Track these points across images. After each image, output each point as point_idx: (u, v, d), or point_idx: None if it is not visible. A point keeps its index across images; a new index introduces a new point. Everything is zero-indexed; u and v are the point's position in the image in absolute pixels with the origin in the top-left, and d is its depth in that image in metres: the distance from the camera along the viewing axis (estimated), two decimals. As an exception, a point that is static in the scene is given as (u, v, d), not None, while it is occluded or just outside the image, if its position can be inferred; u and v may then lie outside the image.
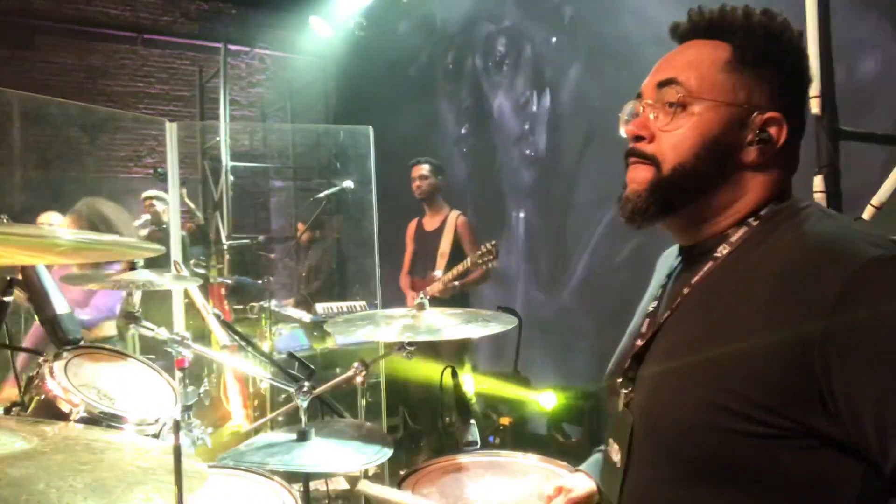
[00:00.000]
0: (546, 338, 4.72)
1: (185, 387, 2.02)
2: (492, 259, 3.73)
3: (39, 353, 1.89)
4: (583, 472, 1.26)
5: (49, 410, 1.68)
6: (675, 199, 0.97)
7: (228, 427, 4.55)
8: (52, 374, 1.72)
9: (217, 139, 6.80)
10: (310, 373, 1.81)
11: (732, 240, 0.96)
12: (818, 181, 1.86)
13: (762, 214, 0.96)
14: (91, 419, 1.67)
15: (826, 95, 1.82)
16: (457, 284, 3.91)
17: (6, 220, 1.26)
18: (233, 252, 5.89)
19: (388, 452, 1.63)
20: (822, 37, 1.83)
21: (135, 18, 7.98)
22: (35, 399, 1.72)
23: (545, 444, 4.08)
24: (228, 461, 1.63)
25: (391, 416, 4.50)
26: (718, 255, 0.96)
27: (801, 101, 1.00)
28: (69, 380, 1.74)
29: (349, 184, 4.64)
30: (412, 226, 4.43)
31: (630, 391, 1.00)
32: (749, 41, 0.96)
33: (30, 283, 1.67)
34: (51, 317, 1.68)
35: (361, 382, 1.81)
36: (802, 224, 0.91)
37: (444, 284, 3.93)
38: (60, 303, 1.69)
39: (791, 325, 0.81)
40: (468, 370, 4.11)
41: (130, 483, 0.90)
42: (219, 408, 4.39)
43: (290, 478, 1.67)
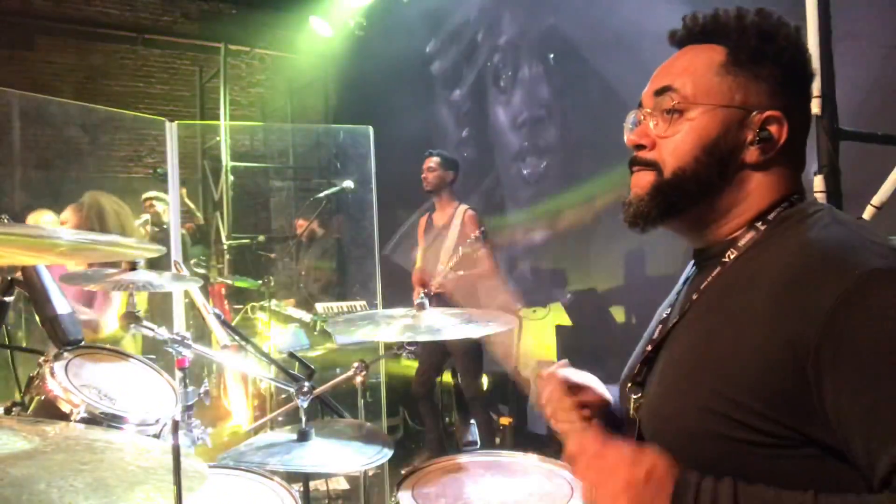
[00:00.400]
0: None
1: (185, 387, 2.02)
2: (478, 245, 3.68)
3: (40, 353, 1.89)
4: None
5: (50, 410, 1.68)
6: (677, 202, 0.97)
7: (228, 427, 4.56)
8: (53, 375, 1.73)
9: (217, 139, 6.79)
10: (310, 373, 1.81)
11: (740, 244, 0.96)
12: (818, 181, 1.85)
13: (770, 218, 0.95)
14: (92, 419, 1.67)
15: (826, 95, 1.82)
16: (461, 273, 3.88)
17: (6, 220, 1.26)
18: (233, 252, 5.89)
19: (389, 453, 1.63)
20: (823, 37, 1.82)
21: (135, 18, 7.99)
22: (36, 399, 1.73)
23: (545, 444, 4.07)
24: (228, 461, 1.63)
25: (391, 416, 4.50)
26: (726, 260, 0.96)
27: (803, 98, 1.00)
28: (70, 380, 1.74)
29: (349, 184, 4.64)
30: (423, 221, 4.34)
31: (640, 396, 1.01)
32: (743, 41, 0.96)
33: (30, 283, 1.67)
34: (51, 317, 1.67)
35: (361, 382, 1.81)
36: (809, 230, 0.90)
37: (444, 276, 3.89)
38: (61, 303, 1.69)
39: (788, 333, 0.81)
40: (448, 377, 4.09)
41: (131, 483, 0.90)
42: (219, 408, 4.39)
43: (290, 478, 1.67)
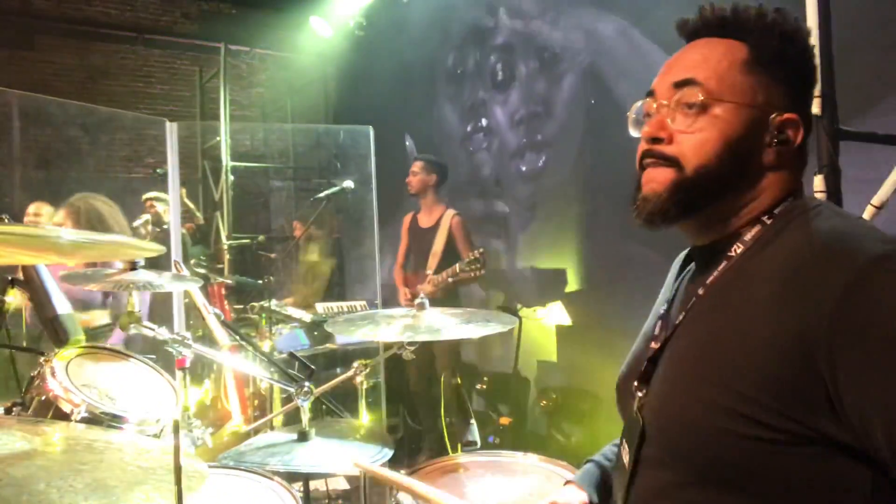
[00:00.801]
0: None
1: (185, 387, 2.01)
2: (479, 268, 3.73)
3: (40, 353, 1.89)
4: (573, 485, 1.22)
5: (50, 410, 1.68)
6: (697, 201, 0.95)
7: (228, 427, 4.55)
8: (54, 374, 1.72)
9: (217, 139, 6.79)
10: (310, 373, 1.81)
11: (746, 238, 0.94)
12: (818, 181, 1.85)
13: (776, 213, 0.95)
14: (92, 419, 1.67)
15: (826, 95, 1.82)
16: (449, 280, 3.92)
17: (7, 220, 1.26)
18: (233, 252, 5.89)
19: (389, 453, 1.63)
20: (823, 37, 1.82)
21: (135, 18, 7.98)
22: (36, 399, 1.72)
23: (545, 444, 4.07)
24: (228, 461, 1.63)
25: (391, 416, 4.50)
26: (732, 255, 0.95)
27: (811, 101, 0.99)
28: (70, 380, 1.74)
29: (349, 184, 4.64)
30: (407, 220, 4.47)
31: (644, 394, 0.99)
32: (765, 41, 0.94)
33: (30, 283, 1.67)
34: (51, 317, 1.68)
35: (361, 382, 1.81)
36: (811, 222, 0.90)
37: (435, 286, 3.94)
38: (61, 303, 1.69)
39: (796, 325, 0.80)
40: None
41: (131, 483, 0.90)
42: (219, 408, 4.39)
43: (290, 478, 1.67)
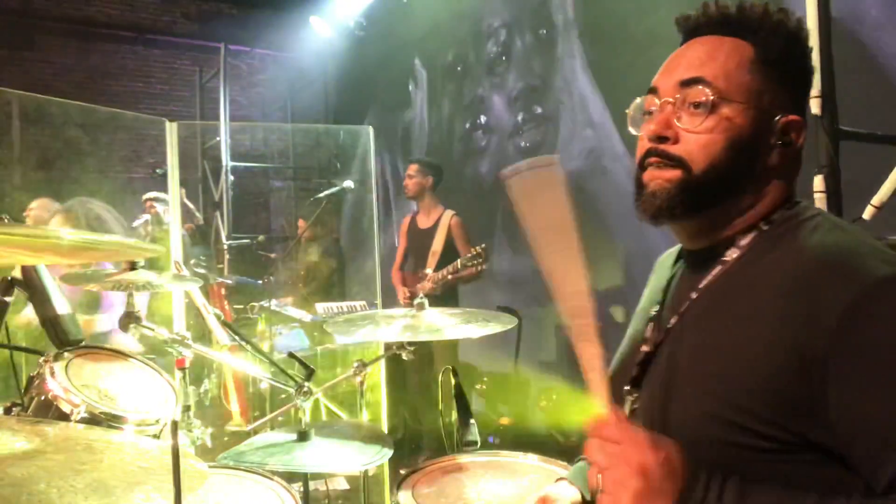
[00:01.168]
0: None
1: (186, 387, 2.02)
2: (481, 262, 3.76)
3: (40, 353, 1.89)
4: (566, 481, 1.23)
5: (50, 410, 1.68)
6: (704, 201, 0.94)
7: (228, 427, 4.55)
8: (53, 375, 1.72)
9: (217, 139, 6.79)
10: (310, 373, 1.81)
11: (742, 244, 0.94)
12: (818, 181, 1.85)
13: (773, 219, 0.94)
14: (92, 419, 1.67)
15: (826, 95, 1.82)
16: (449, 278, 3.94)
17: (7, 220, 1.26)
18: (233, 252, 5.88)
19: (389, 453, 1.63)
20: (822, 37, 1.82)
21: (135, 18, 7.98)
22: (36, 399, 1.72)
23: (545, 444, 4.07)
24: (228, 461, 1.63)
25: (391, 417, 4.50)
26: (727, 260, 0.94)
27: (808, 103, 0.99)
28: (70, 380, 1.74)
29: (349, 184, 4.64)
30: (406, 221, 4.51)
31: (636, 398, 0.99)
32: (771, 41, 0.93)
33: (31, 283, 1.67)
34: (52, 317, 1.68)
35: (361, 382, 1.81)
36: (813, 234, 0.89)
37: (434, 283, 3.96)
38: (61, 303, 1.69)
39: (795, 338, 0.80)
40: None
41: (131, 483, 0.90)
42: (219, 408, 4.39)
43: (290, 478, 1.67)
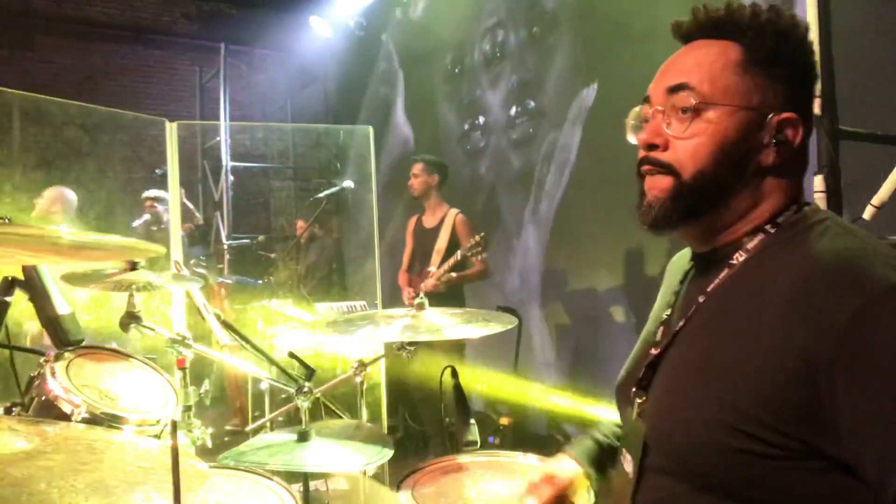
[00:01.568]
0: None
1: (186, 387, 2.02)
2: (480, 250, 3.74)
3: (40, 353, 1.89)
4: (569, 456, 1.23)
5: (50, 410, 1.68)
6: (698, 206, 0.94)
7: (228, 427, 4.56)
8: (54, 375, 1.73)
9: (217, 139, 6.79)
10: (310, 373, 1.81)
11: (749, 247, 0.94)
12: (818, 181, 1.85)
13: (779, 222, 0.94)
14: (92, 419, 1.67)
15: (826, 95, 1.82)
16: (453, 276, 3.90)
17: (7, 220, 1.26)
18: (233, 252, 5.89)
19: (389, 453, 1.63)
20: (822, 36, 1.82)
21: (135, 18, 7.99)
22: (36, 399, 1.72)
23: (545, 444, 4.08)
24: (228, 461, 1.63)
25: (391, 416, 4.50)
26: (734, 263, 0.94)
27: (811, 100, 0.98)
28: (70, 380, 1.74)
29: (349, 184, 4.64)
30: (412, 222, 4.45)
31: (644, 401, 0.98)
32: (759, 41, 0.93)
33: (31, 284, 1.67)
34: (52, 317, 1.67)
35: (361, 382, 1.81)
36: (821, 239, 0.89)
37: (437, 279, 3.92)
38: (62, 303, 1.69)
39: (802, 345, 0.80)
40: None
41: (131, 483, 0.90)
42: (219, 408, 4.39)
43: (290, 478, 1.67)
